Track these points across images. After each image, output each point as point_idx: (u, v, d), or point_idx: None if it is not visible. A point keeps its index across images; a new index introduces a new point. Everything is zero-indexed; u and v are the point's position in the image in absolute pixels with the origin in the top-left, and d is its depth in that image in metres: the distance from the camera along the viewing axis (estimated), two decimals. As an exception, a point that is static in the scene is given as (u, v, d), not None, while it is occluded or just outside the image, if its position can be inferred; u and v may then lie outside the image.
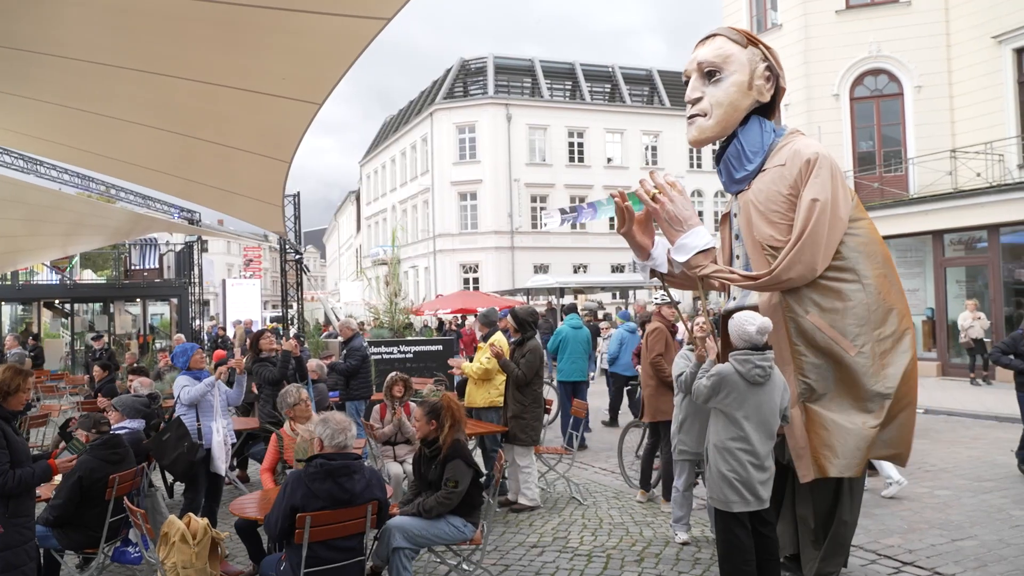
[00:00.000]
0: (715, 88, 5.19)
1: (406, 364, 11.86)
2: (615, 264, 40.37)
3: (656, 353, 7.42)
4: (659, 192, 5.11)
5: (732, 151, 5.33)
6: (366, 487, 4.20)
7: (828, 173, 4.92)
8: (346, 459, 4.23)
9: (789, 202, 5.01)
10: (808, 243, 4.78)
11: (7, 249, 15.46)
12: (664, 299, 8.22)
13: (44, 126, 7.94)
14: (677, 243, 5.08)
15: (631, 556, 5.96)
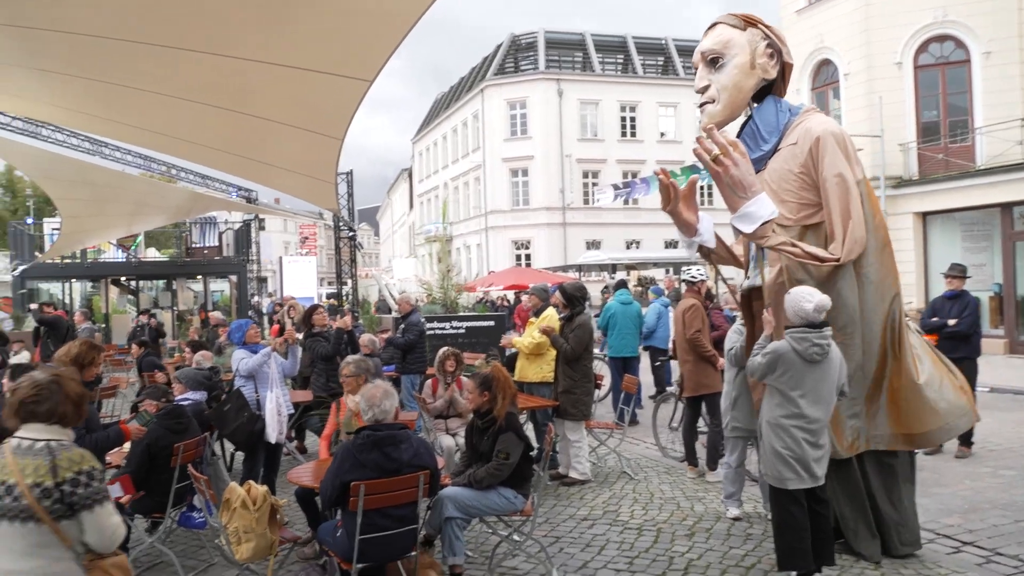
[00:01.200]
0: (719, 74, 5.32)
1: (458, 339, 11.97)
2: (668, 240, 39.90)
3: (695, 329, 7.39)
4: (722, 154, 4.80)
5: (747, 131, 5.50)
6: (414, 455, 4.28)
7: (835, 147, 5.00)
8: (392, 429, 4.31)
9: (800, 181, 5.13)
10: (856, 221, 4.90)
11: (75, 229, 16.02)
12: (701, 275, 8.13)
13: (107, 106, 8.17)
14: (741, 211, 4.86)
15: (682, 530, 5.97)
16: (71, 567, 2.64)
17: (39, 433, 2.72)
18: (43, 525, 2.58)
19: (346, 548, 4.20)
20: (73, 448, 2.73)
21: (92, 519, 2.65)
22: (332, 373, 7.51)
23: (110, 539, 2.71)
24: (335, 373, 7.50)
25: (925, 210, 18.51)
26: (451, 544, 4.73)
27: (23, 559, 2.59)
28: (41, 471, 2.61)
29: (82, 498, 2.63)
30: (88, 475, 2.67)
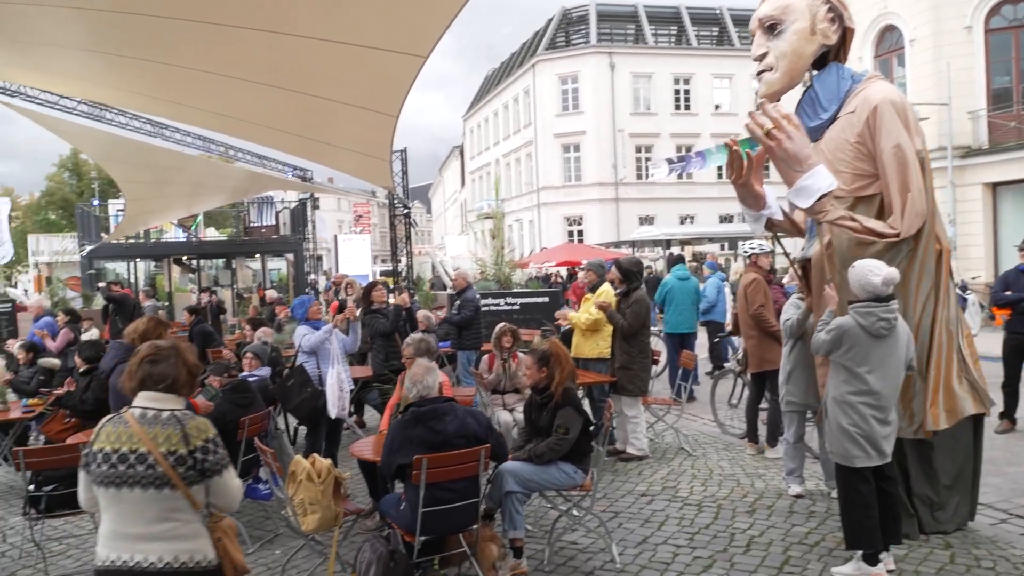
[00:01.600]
0: (778, 40, 5.15)
1: (512, 316, 11.98)
2: (723, 214, 39.30)
3: (757, 304, 7.25)
4: (775, 127, 4.69)
5: (806, 99, 5.39)
6: (460, 427, 4.30)
7: (893, 116, 4.83)
8: (434, 403, 4.36)
9: (855, 151, 4.99)
10: (916, 193, 4.79)
11: (138, 210, 16.42)
12: (763, 248, 7.96)
13: (167, 88, 8.32)
14: (797, 185, 4.75)
15: (742, 507, 5.90)
16: (198, 528, 2.80)
17: (159, 403, 2.82)
18: (177, 490, 2.71)
19: (408, 521, 4.25)
20: (196, 417, 2.86)
21: (220, 483, 2.80)
22: (391, 350, 7.58)
23: (235, 501, 2.91)
24: (394, 350, 7.58)
25: (995, 180, 17.80)
26: (511, 518, 4.76)
27: (156, 523, 2.73)
28: (173, 440, 2.72)
29: (212, 464, 2.76)
30: (214, 443, 2.80)
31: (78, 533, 5.99)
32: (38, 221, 47.41)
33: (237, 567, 2.91)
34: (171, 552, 2.74)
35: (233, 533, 2.94)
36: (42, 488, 5.03)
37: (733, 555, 4.97)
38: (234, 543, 2.92)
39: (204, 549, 2.81)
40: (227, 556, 2.86)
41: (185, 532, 2.77)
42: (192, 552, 2.77)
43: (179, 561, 2.74)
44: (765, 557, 4.90)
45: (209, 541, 2.83)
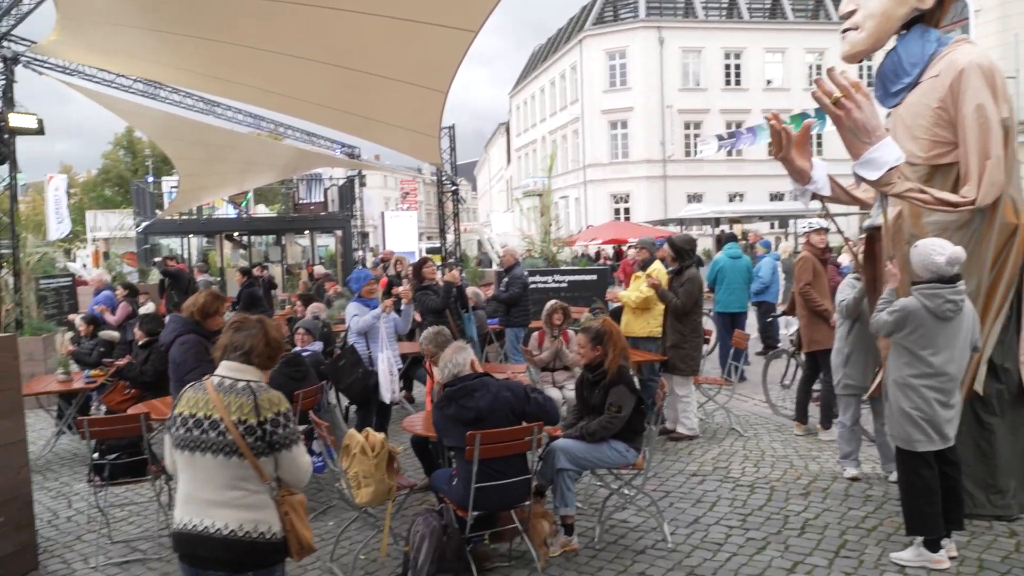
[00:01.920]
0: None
1: (560, 293, 11.91)
2: (774, 192, 38.52)
3: (804, 282, 7.09)
4: (843, 96, 4.44)
5: (888, 63, 5.16)
6: (493, 400, 4.30)
7: (980, 80, 4.62)
8: (464, 381, 4.39)
9: (936, 116, 4.81)
10: (995, 162, 4.64)
11: (192, 187, 16.73)
12: (816, 226, 7.76)
13: (219, 65, 8.41)
14: (864, 157, 4.57)
15: (796, 489, 5.81)
16: (265, 499, 2.80)
17: (238, 373, 2.86)
18: (245, 460, 2.74)
19: (461, 496, 4.27)
20: (271, 390, 2.86)
21: (289, 458, 2.80)
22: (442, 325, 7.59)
23: (303, 476, 2.88)
24: (445, 326, 7.59)
25: (1063, 156, 17.10)
26: (563, 495, 4.75)
27: (225, 490, 2.78)
28: (245, 409, 2.75)
29: (281, 437, 2.78)
30: (285, 416, 2.80)
31: (139, 500, 6.16)
32: (95, 197, 48.68)
33: (303, 543, 2.88)
34: (236, 520, 2.76)
35: (302, 509, 2.91)
36: (106, 456, 5.16)
37: (787, 537, 4.90)
38: (302, 519, 2.89)
39: (269, 521, 2.81)
40: (293, 531, 2.84)
41: (251, 502, 2.78)
42: (257, 523, 2.78)
43: (243, 530, 2.76)
44: (821, 540, 4.82)
45: (276, 514, 2.83)
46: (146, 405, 6.22)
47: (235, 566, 2.81)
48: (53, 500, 6.34)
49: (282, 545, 2.85)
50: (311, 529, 2.94)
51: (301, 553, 2.89)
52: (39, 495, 6.09)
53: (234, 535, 2.76)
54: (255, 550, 2.78)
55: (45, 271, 13.39)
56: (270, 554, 2.83)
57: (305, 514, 2.92)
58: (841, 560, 4.53)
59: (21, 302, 10.78)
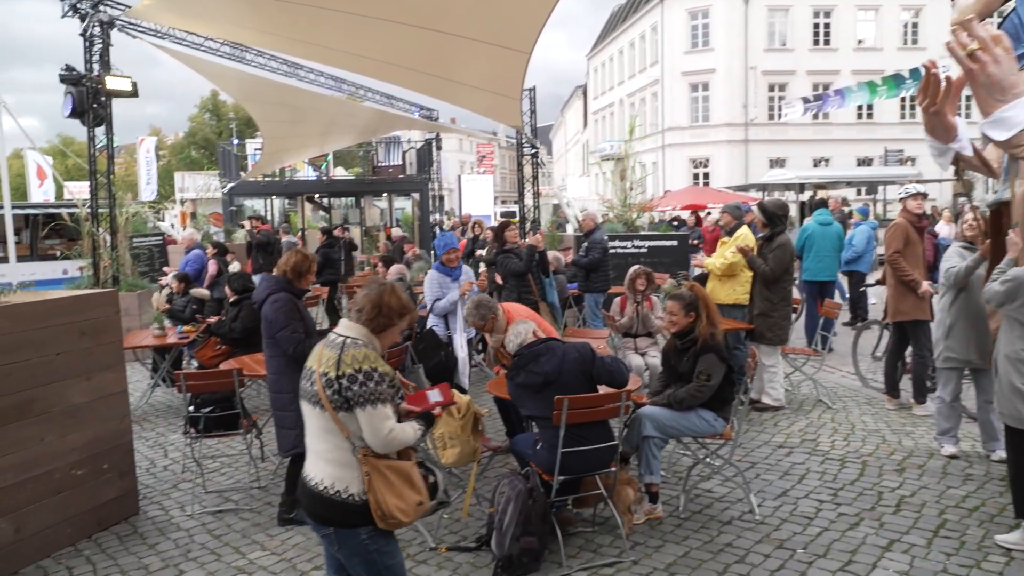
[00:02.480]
0: None
1: (640, 259, 11.73)
2: (861, 157, 37.07)
3: (893, 250, 6.75)
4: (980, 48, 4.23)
5: (1008, 25, 4.71)
6: (560, 362, 4.27)
7: None
8: (530, 347, 4.42)
9: None
10: None
11: (275, 149, 17.04)
12: (912, 191, 7.35)
13: (303, 28, 8.45)
14: (995, 116, 4.25)
15: (890, 465, 5.60)
16: (347, 457, 2.77)
17: (346, 329, 2.88)
18: (327, 412, 2.75)
19: (547, 460, 4.25)
20: (362, 348, 2.79)
21: (365, 417, 2.71)
22: (524, 289, 7.56)
23: (383, 441, 2.74)
24: (527, 289, 7.56)
25: None
26: (648, 463, 4.68)
27: (317, 439, 2.84)
28: (330, 362, 2.76)
29: (356, 395, 2.70)
30: (366, 375, 2.71)
31: (230, 453, 6.37)
32: (182, 159, 50.29)
33: (385, 511, 2.74)
34: (322, 473, 2.80)
35: (395, 475, 2.78)
36: (200, 410, 5.33)
37: (882, 514, 4.72)
38: (391, 486, 2.76)
39: (348, 480, 2.77)
40: (373, 495, 2.74)
41: (335, 457, 2.78)
42: (336, 479, 2.77)
43: (323, 484, 2.78)
44: (918, 519, 4.63)
45: (357, 475, 2.76)
46: (237, 361, 6.40)
47: (320, 519, 2.83)
48: (150, 449, 6.61)
49: (361, 508, 2.76)
50: (405, 499, 2.78)
51: (384, 521, 2.76)
52: (137, 444, 6.36)
53: (318, 487, 2.79)
54: (334, 506, 2.77)
55: (137, 230, 13.88)
56: (348, 514, 2.77)
57: (401, 482, 2.79)
58: (940, 540, 4.34)
59: (117, 259, 11.22)
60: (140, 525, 4.97)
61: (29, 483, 4.36)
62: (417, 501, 2.82)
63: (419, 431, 2.91)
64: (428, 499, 2.90)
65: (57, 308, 4.57)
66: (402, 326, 2.97)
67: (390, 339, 2.97)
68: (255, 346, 6.99)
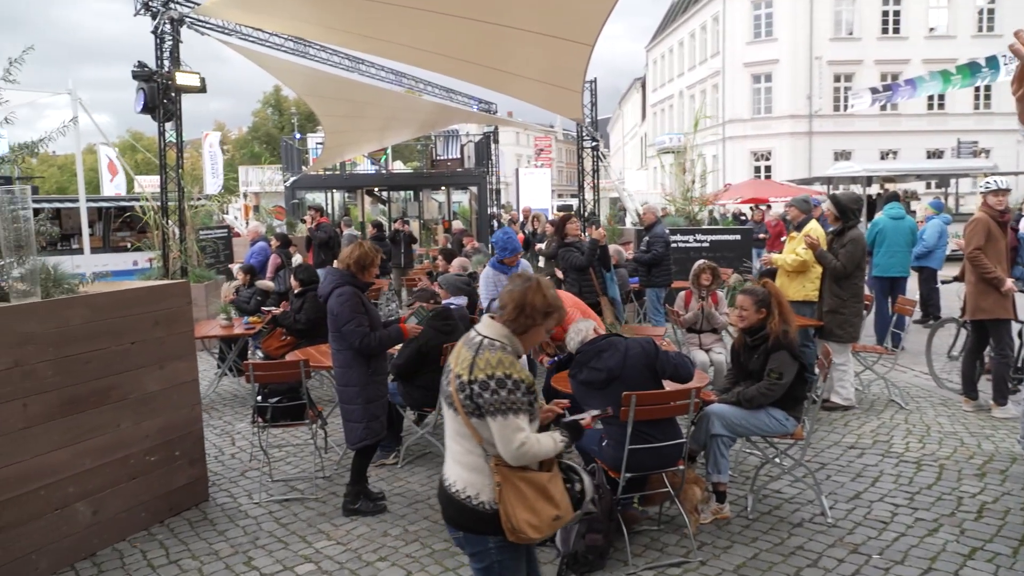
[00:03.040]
0: None
1: (702, 253, 11.56)
2: (931, 149, 35.84)
3: (973, 246, 6.47)
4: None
5: None
6: (623, 358, 4.20)
7: None
8: (591, 344, 4.39)
9: None
10: None
11: (336, 143, 17.26)
12: (995, 185, 7.03)
13: (365, 23, 8.51)
14: None
15: (969, 469, 5.38)
16: (479, 462, 2.61)
17: (487, 329, 2.72)
18: (459, 415, 2.60)
19: (613, 457, 4.20)
20: (499, 352, 2.60)
21: (496, 427, 2.53)
22: (585, 284, 7.49)
23: (514, 453, 2.54)
24: (588, 284, 7.49)
25: None
26: (716, 461, 4.58)
27: (451, 439, 2.71)
28: (464, 364, 2.59)
29: (487, 403, 2.52)
30: (499, 382, 2.52)
31: (295, 442, 6.47)
32: (246, 154, 51.41)
33: (513, 524, 2.55)
34: (454, 475, 2.67)
35: (528, 486, 2.58)
36: (268, 400, 5.42)
37: (962, 520, 4.54)
38: (522, 498, 2.57)
39: (479, 487, 2.62)
40: (503, 507, 2.56)
41: (467, 461, 2.64)
42: (467, 484, 2.63)
43: (455, 488, 2.66)
44: (1002, 526, 4.43)
45: (489, 482, 2.59)
46: (302, 352, 6.49)
47: (453, 521, 2.71)
48: (218, 437, 6.75)
49: (491, 517, 2.59)
50: (539, 513, 2.57)
51: (514, 535, 2.57)
52: (206, 432, 6.48)
53: (450, 488, 2.68)
54: (464, 511, 2.63)
55: (204, 223, 14.22)
56: (478, 522, 2.62)
57: (536, 495, 2.59)
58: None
59: (185, 251, 11.50)
60: (210, 511, 5.07)
61: (106, 468, 4.48)
62: (553, 516, 2.61)
63: (561, 443, 2.68)
64: (569, 511, 2.67)
65: (133, 298, 4.68)
66: (548, 326, 2.76)
67: (534, 340, 2.78)
68: (319, 337, 7.10)
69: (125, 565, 4.31)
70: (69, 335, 4.25)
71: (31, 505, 4.04)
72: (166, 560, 4.37)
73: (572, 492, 2.72)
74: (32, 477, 4.04)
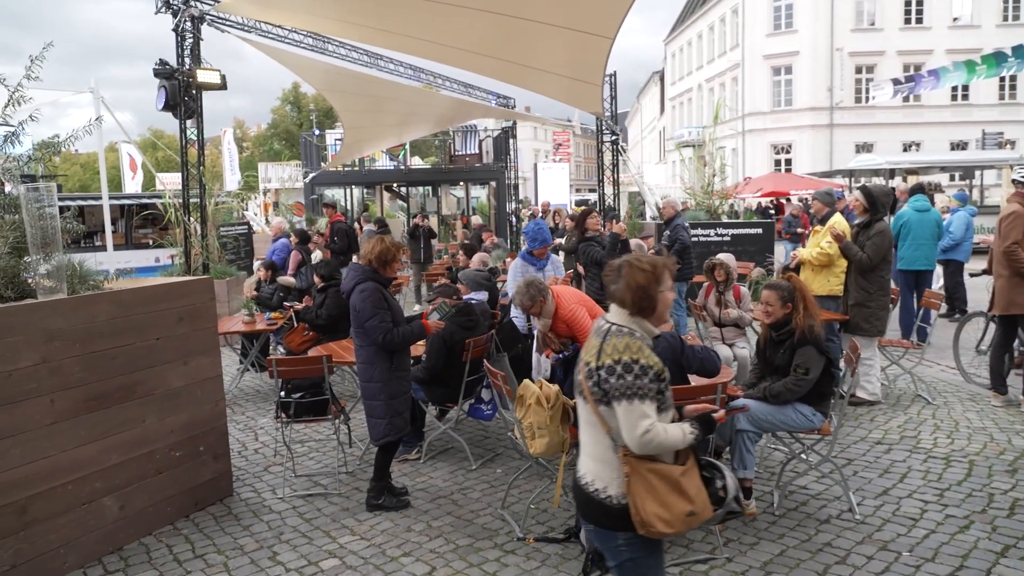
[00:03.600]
0: None
1: (723, 247, 11.47)
2: (955, 141, 35.38)
3: (1011, 240, 6.36)
4: None
5: None
6: None
7: None
8: None
9: None
10: None
11: (355, 139, 17.30)
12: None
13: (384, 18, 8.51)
14: None
15: (1000, 465, 5.29)
16: (609, 455, 2.56)
17: (613, 316, 2.69)
18: (588, 404, 2.57)
19: (638, 452, 4.16)
20: (626, 337, 2.55)
21: (621, 411, 2.47)
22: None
23: (638, 441, 2.46)
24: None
25: None
26: (742, 457, 4.54)
27: (582, 431, 2.69)
28: (592, 351, 2.57)
29: (613, 387, 2.47)
30: (625, 367, 2.47)
31: (317, 438, 6.48)
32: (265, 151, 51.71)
33: (643, 518, 2.48)
34: (585, 467, 2.64)
35: (659, 479, 2.50)
36: (291, 395, 5.42)
37: (994, 518, 4.46)
38: (652, 491, 2.49)
39: (607, 479, 2.56)
40: (632, 499, 2.49)
41: (595, 452, 2.60)
42: (597, 477, 2.59)
43: (584, 479, 2.62)
44: (1035, 523, 4.36)
45: (618, 475, 2.54)
46: (325, 348, 6.50)
47: (583, 513, 2.68)
48: (241, 433, 6.79)
49: (620, 512, 2.53)
50: (670, 508, 2.49)
51: (644, 528, 2.49)
52: (229, 428, 6.52)
53: (581, 480, 2.64)
54: (593, 504, 2.58)
55: (224, 219, 14.30)
56: (605, 516, 2.57)
57: (667, 489, 2.50)
58: (1061, 547, 4.07)
59: (207, 247, 11.58)
60: (234, 506, 5.09)
61: (132, 463, 4.50)
62: (687, 511, 2.51)
63: (691, 435, 2.57)
64: (707, 509, 2.57)
65: (158, 294, 4.71)
66: (667, 287, 2.68)
67: (665, 309, 2.68)
68: (341, 333, 7.11)
69: (152, 559, 4.34)
70: (95, 331, 4.27)
71: (59, 500, 4.07)
72: (192, 555, 4.39)
73: (712, 489, 2.62)
74: (60, 472, 4.08)
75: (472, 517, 4.79)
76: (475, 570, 4.09)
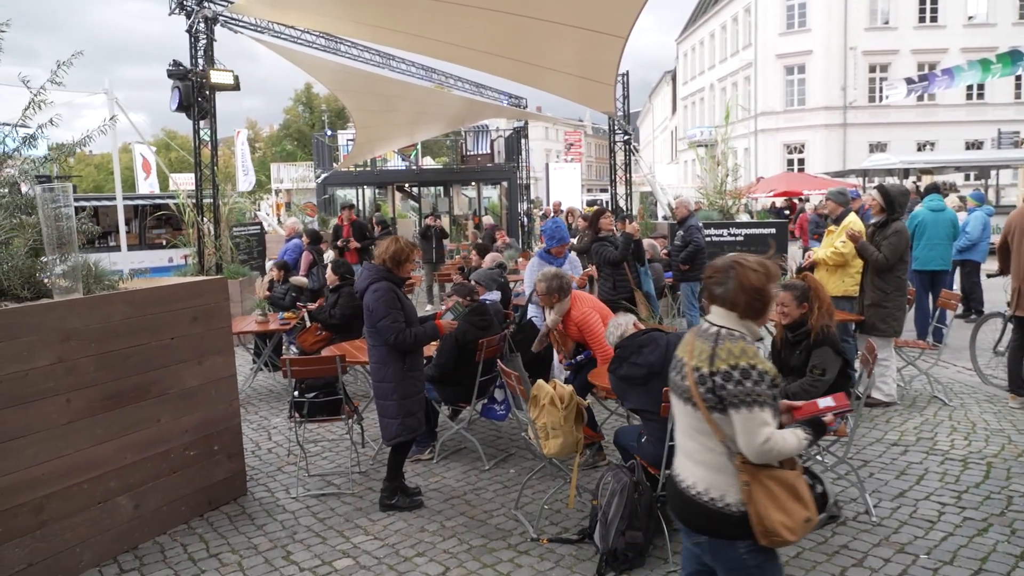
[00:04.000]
0: None
1: (736, 247, 11.41)
2: (970, 140, 35.12)
3: None
4: None
5: None
6: (664, 353, 4.10)
7: None
8: (631, 339, 4.33)
9: None
10: None
11: (367, 138, 17.33)
12: None
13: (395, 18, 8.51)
14: None
15: (1018, 467, 5.24)
16: (721, 461, 2.48)
17: (719, 318, 2.59)
18: (699, 411, 2.49)
19: (652, 454, 4.14)
20: (740, 341, 2.47)
21: (740, 421, 2.39)
22: (619, 278, 7.43)
23: (757, 450, 2.38)
24: (622, 278, 7.42)
25: None
26: (757, 459, 4.50)
27: (686, 437, 2.61)
28: (703, 356, 2.48)
29: (731, 394, 2.39)
30: (743, 372, 2.39)
31: (330, 437, 6.49)
32: (278, 151, 51.90)
33: (767, 527, 2.40)
34: (694, 476, 2.56)
35: (780, 487, 2.43)
36: (304, 395, 5.43)
37: (1013, 520, 4.41)
38: (774, 499, 2.41)
39: (724, 488, 2.48)
40: (754, 508, 2.41)
41: (706, 460, 2.52)
42: (710, 485, 2.50)
43: (696, 489, 2.54)
44: (1055, 527, 4.31)
45: (734, 483, 2.45)
46: (338, 348, 6.51)
47: (693, 526, 2.58)
48: (255, 432, 6.80)
49: (740, 520, 2.45)
50: (792, 514, 2.42)
51: (767, 538, 2.42)
52: (243, 427, 6.54)
53: (689, 490, 2.55)
54: (708, 515, 2.50)
55: (237, 220, 14.34)
56: (726, 526, 2.48)
57: (787, 495, 2.44)
58: (1081, 551, 4.03)
59: (220, 248, 11.62)
60: (248, 506, 5.10)
61: (147, 462, 4.52)
62: (805, 517, 2.46)
63: (804, 440, 2.51)
64: (816, 513, 2.51)
65: (172, 294, 4.72)
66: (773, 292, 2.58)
67: (770, 310, 2.61)
68: (354, 333, 7.12)
69: (166, 558, 4.35)
70: (110, 331, 4.29)
71: (75, 499, 4.09)
72: (206, 554, 4.40)
73: (815, 494, 2.58)
74: (75, 471, 4.09)
75: (485, 517, 4.78)
76: (489, 570, 4.08)
